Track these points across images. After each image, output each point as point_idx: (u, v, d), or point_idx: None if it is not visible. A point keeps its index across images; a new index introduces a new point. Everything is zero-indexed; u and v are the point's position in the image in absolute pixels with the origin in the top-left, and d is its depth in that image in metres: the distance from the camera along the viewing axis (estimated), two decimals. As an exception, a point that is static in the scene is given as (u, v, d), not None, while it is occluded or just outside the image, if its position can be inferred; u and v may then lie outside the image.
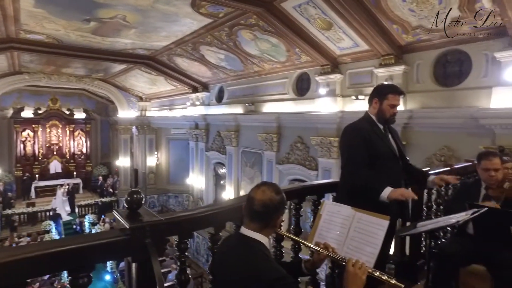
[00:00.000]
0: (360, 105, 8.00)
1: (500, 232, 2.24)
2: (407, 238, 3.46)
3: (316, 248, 1.68)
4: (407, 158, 2.64)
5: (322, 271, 4.73)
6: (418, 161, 3.84)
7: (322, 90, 8.91)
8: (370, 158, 2.34)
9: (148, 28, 9.66)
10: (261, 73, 11.34)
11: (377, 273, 1.52)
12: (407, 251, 3.51)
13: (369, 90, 8.28)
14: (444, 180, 2.46)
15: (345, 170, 2.46)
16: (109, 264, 12.49)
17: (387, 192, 2.27)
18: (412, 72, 7.47)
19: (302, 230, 2.80)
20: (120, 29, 9.72)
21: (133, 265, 1.63)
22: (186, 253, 1.95)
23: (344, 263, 1.57)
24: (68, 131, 22.46)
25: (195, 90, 14.92)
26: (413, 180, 2.74)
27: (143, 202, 1.78)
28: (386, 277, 1.50)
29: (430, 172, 3.54)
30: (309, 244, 1.76)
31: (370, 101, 2.55)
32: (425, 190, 3.56)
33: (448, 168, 3.95)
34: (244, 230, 1.55)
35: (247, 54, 10.46)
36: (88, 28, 9.62)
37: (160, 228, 1.69)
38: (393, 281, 1.47)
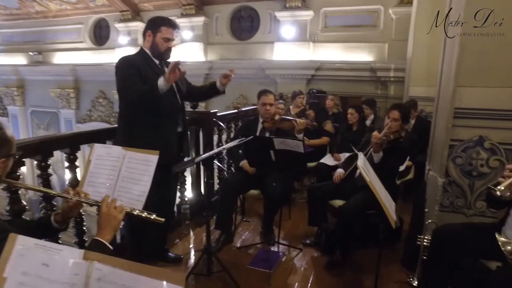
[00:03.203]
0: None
1: (266, 157, 2.59)
2: (202, 178, 3.66)
3: (64, 195, 1.44)
4: (195, 87, 2.60)
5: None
6: (221, 109, 4.08)
7: (123, 39, 8.16)
8: None
9: None
10: (47, 14, 9.34)
11: (136, 212, 1.43)
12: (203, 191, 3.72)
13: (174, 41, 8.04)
14: (224, 76, 2.43)
15: (123, 102, 2.24)
16: None
17: (161, 80, 2.08)
18: (211, 24, 7.73)
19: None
20: None
21: None
22: None
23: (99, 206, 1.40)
24: None
25: None
26: (210, 94, 2.67)
27: None
28: (146, 214, 1.42)
29: (218, 114, 3.79)
30: (53, 192, 1.49)
31: (144, 34, 2.36)
32: (216, 131, 3.81)
33: (236, 111, 4.35)
34: None
35: (21, -14, 8.33)
36: None
37: None
38: (153, 217, 1.41)
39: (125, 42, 8.14)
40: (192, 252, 2.94)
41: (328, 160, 3.92)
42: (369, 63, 6.59)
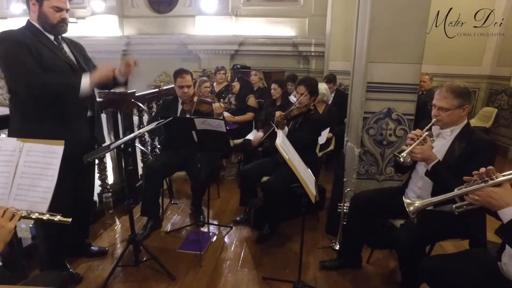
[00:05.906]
0: (74, 28, 6.97)
1: (188, 139, 2.49)
2: (123, 163, 3.42)
3: None
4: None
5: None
6: (142, 89, 3.80)
7: (17, 7, 7.05)
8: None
9: None
10: None
11: (35, 215, 1.27)
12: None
13: (82, 12, 7.19)
14: (125, 62, 2.24)
15: (17, 86, 1.91)
16: None
17: (86, 79, 1.90)
18: (126, -5, 7.09)
19: None
20: None
21: None
22: None
23: None
24: None
25: None
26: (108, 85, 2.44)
27: None
28: (48, 216, 1.27)
29: (137, 94, 3.54)
30: None
31: (27, 3, 1.99)
32: (135, 112, 3.57)
33: (157, 90, 4.12)
34: None
35: None
36: None
37: None
38: (57, 218, 1.27)
39: (21, 11, 7.04)
40: (119, 243, 2.78)
41: (254, 136, 3.95)
42: (291, 38, 6.71)
